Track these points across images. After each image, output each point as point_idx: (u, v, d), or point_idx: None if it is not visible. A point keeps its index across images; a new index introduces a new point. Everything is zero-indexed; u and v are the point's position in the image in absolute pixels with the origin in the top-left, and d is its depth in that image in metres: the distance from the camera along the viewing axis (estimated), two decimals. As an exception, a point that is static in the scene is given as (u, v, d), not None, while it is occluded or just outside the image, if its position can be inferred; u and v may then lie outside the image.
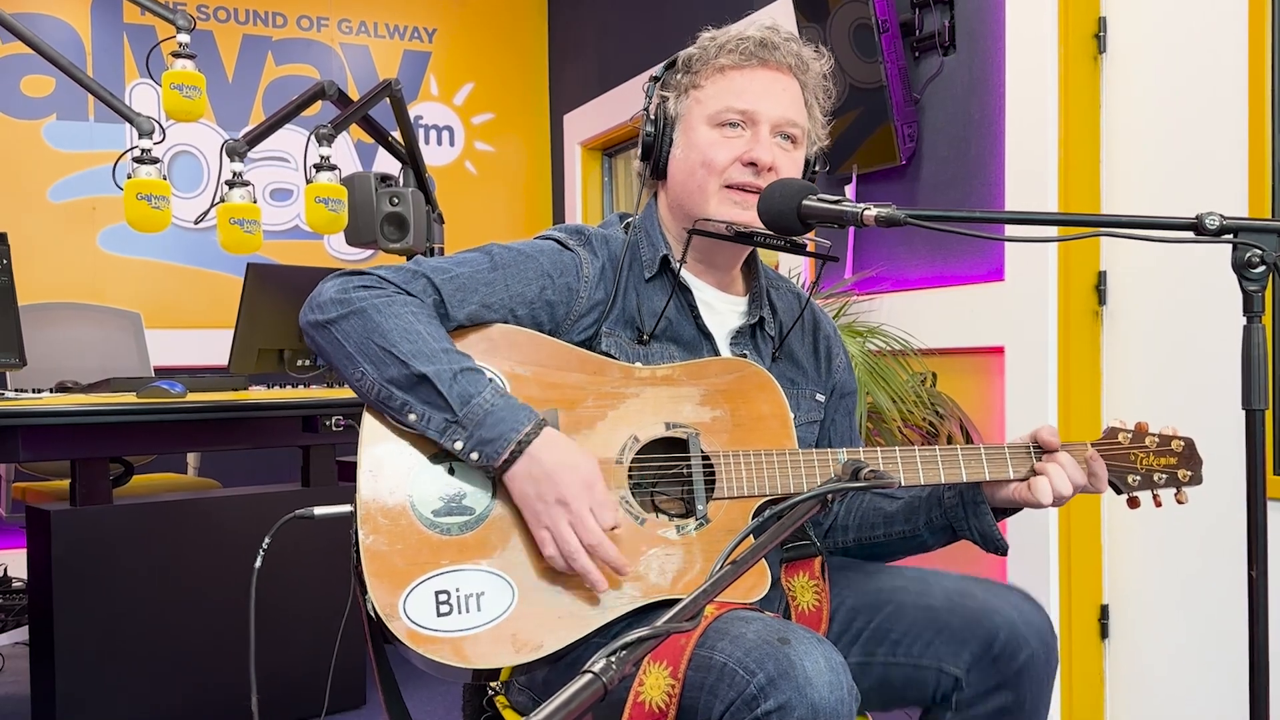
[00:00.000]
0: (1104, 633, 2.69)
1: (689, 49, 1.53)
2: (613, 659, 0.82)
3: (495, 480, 1.31)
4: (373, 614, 1.25)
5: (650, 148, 1.51)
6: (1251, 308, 1.09)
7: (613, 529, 1.29)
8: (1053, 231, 1.23)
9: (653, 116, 1.51)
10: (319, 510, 1.71)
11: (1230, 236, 1.10)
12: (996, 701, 1.39)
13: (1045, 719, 1.43)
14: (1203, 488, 1.51)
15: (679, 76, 1.52)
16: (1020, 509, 1.47)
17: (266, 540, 1.68)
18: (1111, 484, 1.47)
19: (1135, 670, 2.65)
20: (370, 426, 1.33)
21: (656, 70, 1.55)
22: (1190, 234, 1.11)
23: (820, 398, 1.59)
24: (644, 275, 1.49)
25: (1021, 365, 2.73)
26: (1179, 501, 1.48)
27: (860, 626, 1.45)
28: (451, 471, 1.31)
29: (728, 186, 1.46)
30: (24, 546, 2.88)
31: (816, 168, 1.55)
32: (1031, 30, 2.70)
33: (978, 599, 1.41)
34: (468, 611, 1.25)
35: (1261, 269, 1.09)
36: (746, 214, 1.44)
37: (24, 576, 3.79)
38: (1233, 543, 2.38)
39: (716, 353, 1.50)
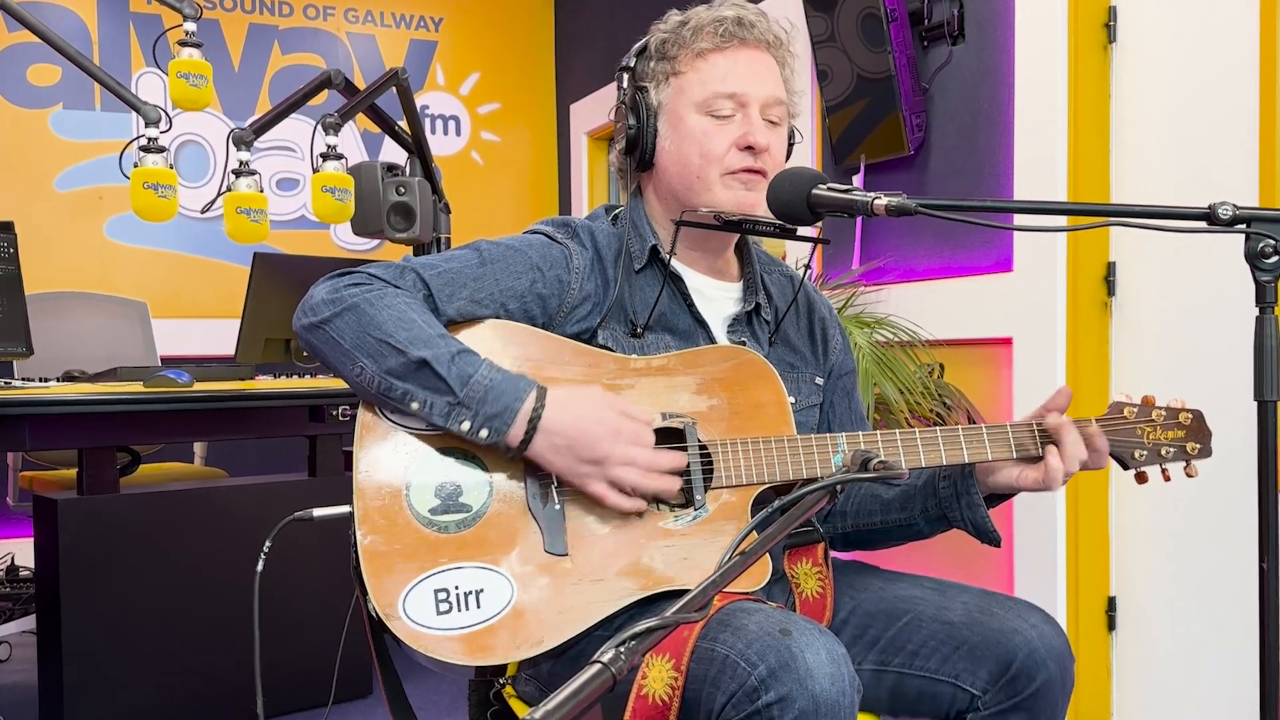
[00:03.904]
0: (1111, 625, 2.68)
1: (659, 34, 1.50)
2: (622, 649, 0.82)
3: (491, 476, 1.31)
4: (373, 614, 1.25)
5: (635, 140, 1.49)
6: (1264, 298, 1.08)
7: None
8: (1063, 221, 1.23)
9: (633, 107, 1.49)
10: (318, 512, 1.71)
11: (1243, 226, 1.09)
12: None
13: None
14: (1213, 479, 1.49)
15: (653, 64, 1.50)
16: (1017, 493, 1.46)
17: (267, 544, 1.67)
18: (1118, 459, 1.45)
19: (1143, 662, 2.64)
20: (367, 426, 1.32)
21: (627, 59, 1.52)
22: (1203, 224, 1.10)
23: (819, 381, 1.59)
24: (634, 267, 1.48)
25: (1029, 356, 2.72)
26: (1188, 475, 1.46)
27: (876, 634, 1.44)
28: (448, 469, 1.31)
29: (729, 173, 1.45)
30: (31, 535, 2.88)
31: (794, 140, 1.54)
32: (1041, 19, 2.68)
33: (997, 617, 1.39)
34: (467, 609, 1.25)
35: (1274, 259, 1.07)
36: (752, 195, 1.43)
37: (31, 565, 3.81)
38: (1242, 535, 2.37)
39: (712, 340, 1.49)
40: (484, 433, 1.27)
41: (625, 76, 1.52)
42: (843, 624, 1.46)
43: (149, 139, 2.50)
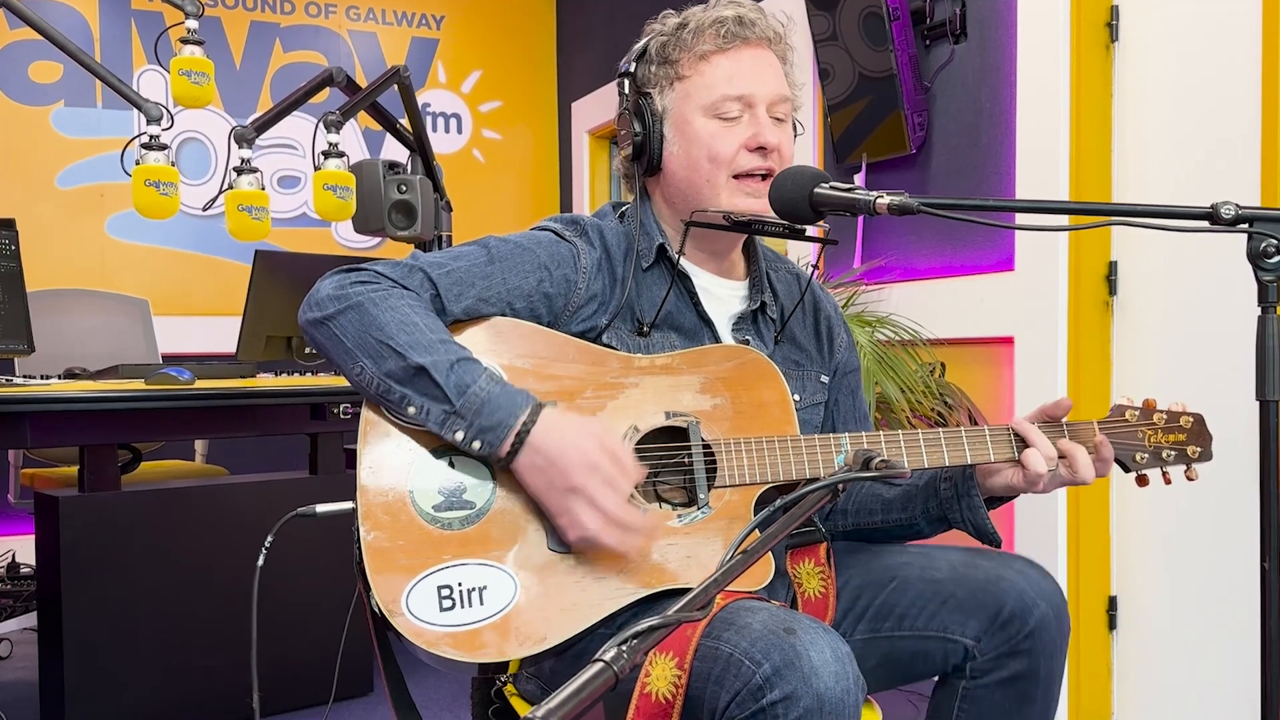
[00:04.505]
0: (1112, 624, 2.68)
1: (657, 37, 1.49)
2: (624, 648, 0.81)
3: (495, 473, 1.31)
4: (376, 610, 1.25)
5: (642, 147, 1.48)
6: (1266, 298, 1.08)
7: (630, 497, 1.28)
8: (1065, 220, 1.22)
9: (637, 114, 1.48)
10: (321, 508, 1.71)
11: (1245, 226, 1.09)
12: (1011, 668, 1.38)
13: (1059, 687, 1.42)
14: (1214, 479, 1.49)
15: (654, 68, 1.48)
16: (1017, 495, 1.47)
17: (269, 539, 1.67)
18: (1119, 462, 1.46)
19: (1143, 662, 2.64)
20: (370, 423, 1.32)
21: (626, 64, 1.51)
22: (1205, 224, 1.10)
23: (824, 379, 1.58)
24: (641, 265, 1.48)
25: (1031, 356, 2.72)
26: (1189, 479, 1.46)
27: (865, 604, 1.45)
28: (452, 466, 1.31)
29: (737, 176, 1.44)
30: (32, 533, 2.88)
31: (798, 132, 1.54)
32: (1043, 18, 2.68)
33: (983, 569, 1.41)
34: (470, 606, 1.25)
35: (1277, 259, 1.07)
36: (758, 203, 1.43)
37: (32, 563, 3.81)
38: (1243, 534, 2.37)
39: (718, 339, 1.49)
40: (476, 444, 1.26)
41: (626, 82, 1.51)
42: (835, 608, 1.46)
43: (150, 136, 2.50)
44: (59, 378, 3.03)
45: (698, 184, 1.46)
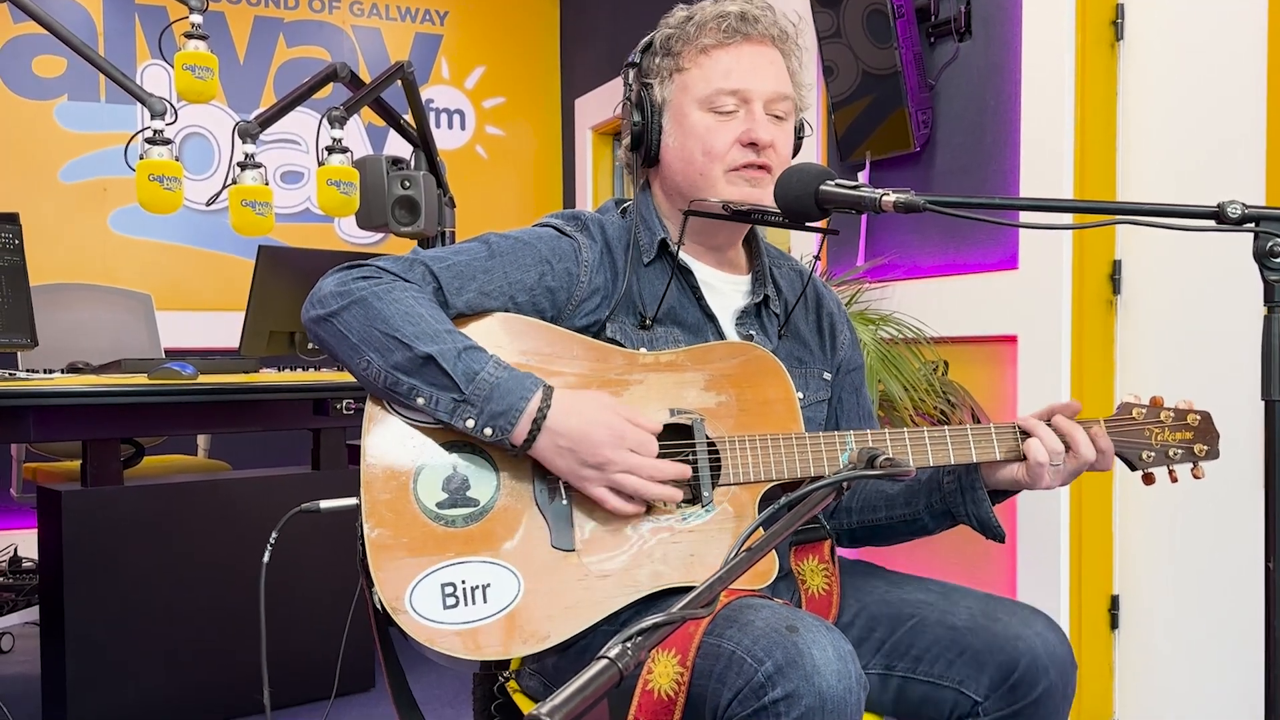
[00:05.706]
0: (1114, 624, 2.68)
1: (664, 30, 1.50)
2: (628, 645, 0.81)
3: (499, 470, 1.31)
4: (379, 607, 1.25)
5: (640, 137, 1.49)
6: (1272, 297, 1.07)
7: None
8: (1070, 219, 1.22)
9: (638, 104, 1.49)
10: (325, 504, 1.71)
11: (1252, 225, 1.08)
12: None
13: None
14: (1218, 479, 1.48)
15: (658, 60, 1.49)
16: (1020, 490, 1.46)
17: (274, 535, 1.67)
18: (1125, 460, 1.45)
19: (1145, 661, 2.64)
20: (374, 419, 1.32)
21: (633, 55, 1.52)
22: (1211, 223, 1.10)
23: (827, 376, 1.58)
24: (643, 260, 1.48)
25: (1034, 354, 2.72)
26: (1195, 477, 1.45)
27: (881, 637, 1.43)
28: (456, 463, 1.31)
29: (732, 170, 1.45)
30: (35, 527, 2.89)
31: (803, 133, 1.54)
32: (1048, 16, 2.68)
33: (1002, 623, 1.39)
34: (474, 603, 1.25)
35: (1284, 258, 1.07)
36: (757, 191, 1.43)
37: (35, 557, 3.82)
38: (1246, 534, 2.36)
39: (721, 334, 1.49)
40: (488, 431, 1.27)
41: (631, 73, 1.52)
42: (848, 625, 1.46)
43: (154, 131, 2.50)
44: (62, 372, 3.03)
45: (692, 176, 1.46)
